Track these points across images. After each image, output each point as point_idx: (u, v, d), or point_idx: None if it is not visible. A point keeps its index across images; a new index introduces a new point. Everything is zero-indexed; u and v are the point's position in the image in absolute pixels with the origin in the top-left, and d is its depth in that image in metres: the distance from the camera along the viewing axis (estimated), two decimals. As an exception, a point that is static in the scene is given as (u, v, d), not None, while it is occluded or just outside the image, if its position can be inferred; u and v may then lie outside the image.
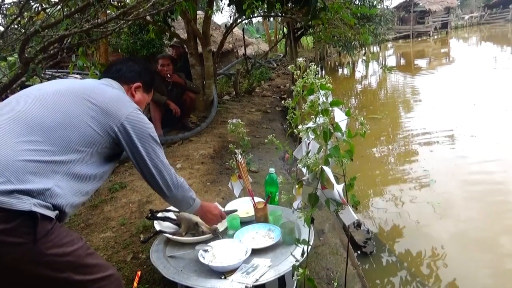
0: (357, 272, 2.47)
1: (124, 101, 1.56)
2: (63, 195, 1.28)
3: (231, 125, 2.56)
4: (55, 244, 1.20)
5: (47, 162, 1.26)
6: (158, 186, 1.62)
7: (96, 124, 1.41)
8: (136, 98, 1.72)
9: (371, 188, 4.63)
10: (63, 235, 1.25)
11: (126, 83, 1.70)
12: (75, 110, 1.39)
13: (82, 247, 1.30)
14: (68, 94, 1.44)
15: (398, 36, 32.78)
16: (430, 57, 19.31)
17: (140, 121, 1.54)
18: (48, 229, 1.19)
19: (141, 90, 1.76)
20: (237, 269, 1.73)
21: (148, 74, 1.82)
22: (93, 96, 1.47)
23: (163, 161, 1.61)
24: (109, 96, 1.52)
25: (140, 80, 1.74)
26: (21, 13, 2.79)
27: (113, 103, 1.50)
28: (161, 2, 3.45)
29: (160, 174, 1.60)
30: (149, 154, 1.55)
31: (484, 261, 3.10)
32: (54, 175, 1.27)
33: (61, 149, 1.31)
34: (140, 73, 1.76)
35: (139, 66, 1.78)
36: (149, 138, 1.56)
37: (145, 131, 1.54)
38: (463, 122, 6.68)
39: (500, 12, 38.46)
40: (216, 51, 7.53)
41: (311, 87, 1.48)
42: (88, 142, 1.39)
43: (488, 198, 4.04)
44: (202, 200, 1.94)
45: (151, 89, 1.85)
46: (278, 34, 20.18)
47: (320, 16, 5.97)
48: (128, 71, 1.72)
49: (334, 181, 1.50)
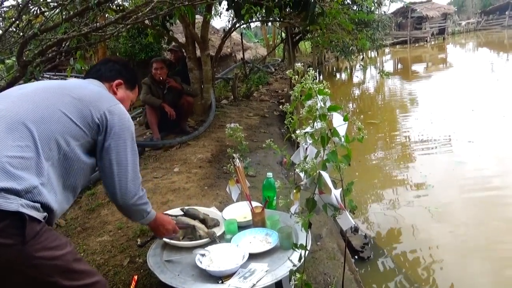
0: (354, 277, 2.47)
1: (106, 96, 1.56)
2: (51, 192, 1.28)
3: (229, 130, 2.57)
4: (44, 247, 1.19)
5: (32, 158, 1.25)
6: (113, 189, 1.50)
7: (78, 117, 1.40)
8: (119, 95, 1.70)
9: (369, 193, 4.64)
10: (52, 238, 1.24)
11: (106, 81, 1.69)
12: (56, 104, 1.38)
13: (70, 252, 1.28)
14: (48, 90, 1.43)
15: (395, 41, 32.94)
16: (428, 63, 19.41)
17: (123, 114, 1.53)
18: (37, 231, 1.18)
19: (123, 87, 1.75)
20: (234, 273, 1.73)
21: (129, 71, 1.81)
22: (74, 91, 1.46)
23: (133, 164, 1.53)
24: (90, 90, 1.52)
25: (121, 77, 1.74)
26: (19, 16, 2.79)
27: (94, 96, 1.49)
28: (159, 7, 3.46)
29: (123, 176, 1.50)
30: (119, 150, 1.49)
31: (481, 266, 3.10)
32: (40, 171, 1.25)
33: (45, 144, 1.29)
34: (120, 70, 1.75)
35: (119, 64, 1.77)
36: (129, 135, 1.52)
37: (127, 126, 1.52)
38: (461, 127, 6.70)
39: (497, 19, 38.74)
40: (215, 55, 7.54)
41: (309, 92, 1.49)
42: (72, 135, 1.38)
43: (485, 203, 4.05)
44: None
45: (134, 86, 1.83)
46: (276, 38, 20.21)
47: (318, 21, 6.00)
48: (108, 70, 1.72)
49: (331, 186, 1.51)
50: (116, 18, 3.23)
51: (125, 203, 1.53)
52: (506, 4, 36.79)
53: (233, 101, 8.30)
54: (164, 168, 4.30)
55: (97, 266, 2.47)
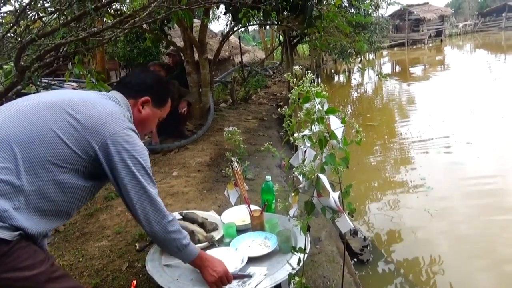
0: (353, 280, 2.46)
1: (116, 118, 1.40)
2: (26, 218, 1.19)
3: (227, 133, 2.57)
4: (10, 268, 1.14)
5: (9, 181, 1.17)
6: (138, 219, 1.44)
7: (73, 141, 1.29)
8: (144, 114, 1.59)
9: (368, 196, 4.64)
10: (23, 257, 1.17)
11: (133, 97, 1.57)
12: (50, 123, 1.28)
13: (43, 272, 1.21)
14: (48, 107, 1.32)
15: (393, 44, 33.07)
16: (425, 65, 19.46)
17: (128, 143, 1.38)
18: (4, 252, 1.12)
19: (150, 105, 1.61)
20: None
21: (161, 87, 1.67)
22: (78, 109, 1.34)
23: (149, 193, 1.42)
24: (99, 110, 1.38)
25: (149, 94, 1.60)
26: (17, 21, 2.79)
27: (100, 118, 1.36)
28: (157, 11, 3.46)
29: (142, 206, 1.41)
30: (132, 182, 1.38)
31: (482, 268, 3.10)
32: (16, 196, 1.17)
33: (29, 168, 1.21)
34: (150, 86, 1.62)
35: (151, 78, 1.65)
36: (136, 163, 1.38)
37: (131, 154, 1.37)
38: (460, 129, 6.70)
39: (494, 20, 38.95)
40: (213, 59, 7.56)
41: (307, 95, 1.49)
42: (64, 159, 1.28)
43: (484, 205, 4.04)
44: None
45: (163, 104, 1.68)
46: (274, 42, 20.28)
47: (316, 24, 6.02)
48: (137, 84, 1.60)
49: (330, 189, 1.50)
50: (113, 22, 3.24)
51: (152, 231, 1.45)
52: (503, 6, 37.00)
53: (232, 105, 8.31)
54: (162, 172, 4.30)
55: (96, 271, 2.46)
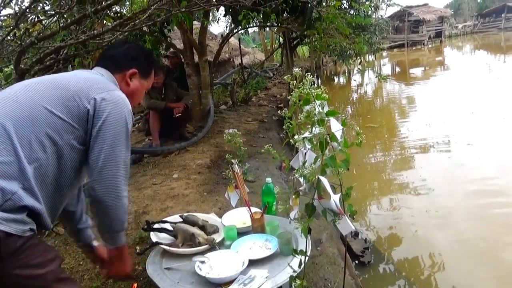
0: (355, 282, 2.45)
1: (102, 82, 1.42)
2: (37, 194, 1.19)
3: (227, 135, 2.57)
4: (23, 265, 1.14)
5: (11, 162, 1.16)
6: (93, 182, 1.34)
7: (63, 109, 1.28)
8: (132, 86, 1.58)
9: (369, 198, 4.63)
10: (36, 254, 1.17)
11: (119, 70, 1.55)
12: (39, 100, 1.28)
13: (53, 271, 1.21)
14: (34, 87, 1.33)
15: (393, 45, 33.08)
16: (425, 66, 19.48)
17: (119, 102, 1.38)
18: (15, 248, 1.12)
19: (137, 77, 1.60)
20: (234, 280, 1.72)
21: (145, 57, 1.65)
22: (62, 81, 1.36)
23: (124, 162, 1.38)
24: (82, 78, 1.40)
25: (135, 65, 1.58)
26: (17, 25, 2.79)
27: (86, 83, 1.37)
28: (157, 13, 3.46)
29: (110, 170, 1.34)
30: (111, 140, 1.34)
31: (483, 270, 3.09)
32: (21, 175, 1.17)
33: (25, 145, 1.20)
34: (136, 57, 1.59)
35: (135, 50, 1.61)
36: (122, 125, 1.37)
37: (121, 114, 1.37)
38: (460, 130, 6.70)
39: (493, 21, 38.97)
40: (213, 61, 7.56)
41: (307, 97, 1.49)
42: (59, 131, 1.27)
43: (486, 206, 4.04)
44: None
45: (149, 73, 1.66)
46: (274, 43, 20.30)
47: (316, 26, 6.02)
48: (122, 56, 1.56)
49: (330, 191, 1.50)
50: (113, 25, 3.24)
51: (109, 198, 1.35)
52: (502, 7, 37.03)
53: (232, 107, 8.31)
54: (163, 174, 4.29)
55: (97, 274, 2.45)
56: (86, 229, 1.69)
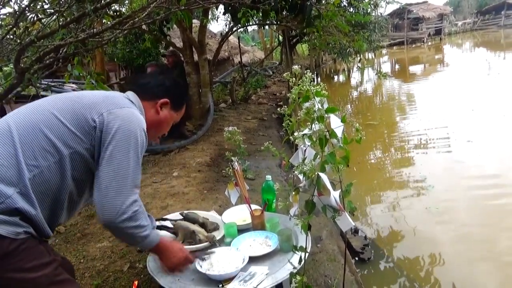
0: (355, 278, 2.46)
1: (115, 98, 1.38)
2: (30, 203, 1.16)
3: (227, 133, 2.57)
4: (15, 268, 1.12)
5: (9, 165, 1.15)
6: (98, 202, 1.27)
7: (71, 120, 1.26)
8: (162, 115, 1.56)
9: (369, 194, 4.64)
10: (30, 258, 1.15)
11: (151, 98, 1.53)
12: (49, 108, 1.27)
13: (47, 275, 1.19)
14: (51, 97, 1.33)
15: (392, 42, 33.07)
16: (425, 63, 19.47)
17: (129, 119, 1.32)
18: (8, 251, 1.10)
19: (168, 108, 1.58)
20: (235, 277, 1.72)
21: (178, 90, 1.64)
22: (78, 95, 1.35)
23: (133, 179, 1.30)
24: (103, 94, 1.39)
25: (168, 96, 1.57)
26: (16, 23, 2.79)
27: (98, 98, 1.34)
28: (156, 12, 3.46)
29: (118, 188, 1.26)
30: (119, 158, 1.27)
31: (484, 266, 3.10)
32: (18, 179, 1.15)
33: (27, 151, 1.18)
34: (169, 88, 1.58)
35: (169, 81, 1.60)
36: (132, 143, 1.30)
37: (131, 132, 1.30)
38: (461, 127, 6.70)
39: (493, 18, 38.91)
40: (212, 59, 7.56)
41: (307, 94, 1.49)
42: (64, 141, 1.23)
43: (486, 202, 4.05)
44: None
45: (180, 108, 1.66)
46: (273, 41, 20.29)
47: (315, 23, 6.01)
48: (155, 86, 1.56)
49: (330, 188, 1.50)
50: (113, 23, 3.23)
51: (110, 221, 1.27)
52: (502, 4, 36.94)
53: (231, 105, 8.32)
54: (163, 172, 4.30)
55: (97, 272, 2.46)
56: None
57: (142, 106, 1.50)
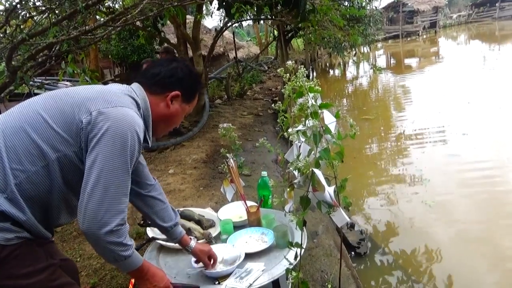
0: (351, 273, 2.47)
1: (115, 96, 1.25)
2: (18, 207, 1.12)
3: (222, 130, 2.56)
4: (8, 275, 1.10)
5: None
6: (79, 211, 1.17)
7: (59, 121, 1.16)
8: (172, 109, 1.41)
9: (365, 189, 4.65)
10: (23, 264, 1.12)
11: (161, 91, 1.39)
12: (35, 107, 1.19)
13: (41, 281, 1.16)
14: (44, 95, 1.25)
15: (387, 36, 33.06)
16: (420, 57, 19.48)
17: (121, 119, 1.18)
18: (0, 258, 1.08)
19: (179, 100, 1.43)
20: (231, 274, 1.72)
21: (191, 80, 1.47)
22: (74, 89, 1.25)
23: (117, 187, 1.18)
24: (98, 89, 1.27)
25: (180, 88, 1.41)
26: (7, 21, 2.76)
27: (91, 95, 1.22)
28: (149, 8, 3.44)
29: (99, 196, 1.15)
30: (104, 162, 1.15)
31: (481, 258, 3.12)
32: (4, 185, 1.10)
33: (12, 155, 1.12)
34: (181, 80, 1.42)
35: (182, 71, 1.43)
36: (120, 146, 1.17)
37: (121, 134, 1.17)
38: (456, 120, 6.72)
39: (487, 11, 38.93)
40: (207, 55, 7.53)
41: (300, 90, 1.48)
42: (52, 144, 1.15)
43: (481, 195, 4.07)
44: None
45: (192, 99, 1.49)
46: (268, 36, 20.25)
47: (310, 18, 6.00)
48: (167, 77, 1.40)
49: (325, 183, 1.50)
50: (105, 20, 3.21)
51: (91, 231, 1.16)
52: (496, -4, 36.99)
53: (227, 101, 8.30)
54: (159, 170, 4.29)
55: (94, 270, 2.46)
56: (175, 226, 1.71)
57: (147, 99, 1.36)
